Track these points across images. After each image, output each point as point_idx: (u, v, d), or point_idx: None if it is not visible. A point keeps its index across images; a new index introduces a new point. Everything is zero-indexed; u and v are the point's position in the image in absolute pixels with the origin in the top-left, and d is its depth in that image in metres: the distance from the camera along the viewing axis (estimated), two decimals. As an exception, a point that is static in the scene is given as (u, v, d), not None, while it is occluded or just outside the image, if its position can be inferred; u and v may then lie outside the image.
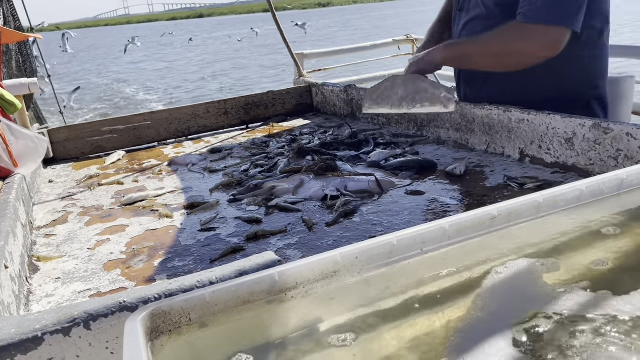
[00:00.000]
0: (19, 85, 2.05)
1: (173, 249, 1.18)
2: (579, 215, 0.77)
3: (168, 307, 0.56)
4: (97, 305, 0.68)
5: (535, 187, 1.30)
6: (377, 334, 0.59)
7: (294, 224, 1.25)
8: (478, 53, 1.59)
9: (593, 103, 1.62)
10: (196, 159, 1.93)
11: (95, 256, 1.18)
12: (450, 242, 0.69)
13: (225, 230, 1.26)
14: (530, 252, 0.71)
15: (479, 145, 1.68)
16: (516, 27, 1.48)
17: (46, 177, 1.90)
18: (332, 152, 1.80)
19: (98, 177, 1.84)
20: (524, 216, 0.73)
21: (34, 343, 0.64)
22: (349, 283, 0.63)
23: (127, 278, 1.07)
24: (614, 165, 1.28)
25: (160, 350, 0.55)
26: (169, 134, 2.32)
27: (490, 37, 1.55)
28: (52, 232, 1.36)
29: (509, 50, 1.52)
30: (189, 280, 0.72)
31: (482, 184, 1.38)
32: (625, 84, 1.86)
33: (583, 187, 0.76)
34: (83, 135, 2.17)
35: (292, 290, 0.61)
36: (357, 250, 0.64)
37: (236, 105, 2.45)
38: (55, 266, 1.16)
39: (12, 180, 1.46)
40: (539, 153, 1.47)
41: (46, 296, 1.03)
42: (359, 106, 2.32)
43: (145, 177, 1.78)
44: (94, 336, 0.67)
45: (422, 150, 1.74)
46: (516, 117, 1.53)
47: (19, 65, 2.84)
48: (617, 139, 1.26)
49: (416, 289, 0.66)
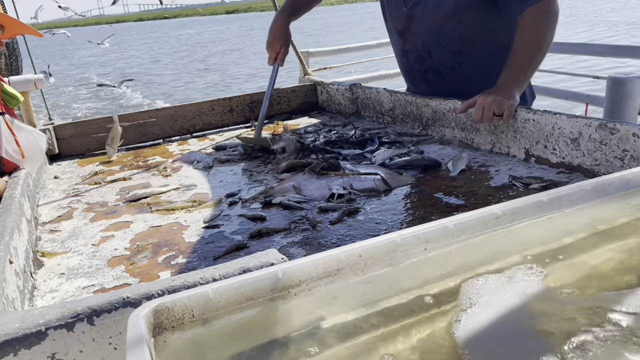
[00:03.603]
0: (25, 82, 2.06)
1: (177, 245, 1.18)
2: (584, 216, 0.76)
3: (171, 304, 0.56)
4: (100, 300, 0.68)
5: (540, 187, 1.29)
6: (380, 334, 0.59)
7: (298, 222, 1.25)
8: (539, 55, 1.59)
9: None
10: (200, 156, 1.93)
11: (100, 252, 1.19)
12: (454, 241, 0.68)
13: (229, 228, 1.26)
14: (535, 252, 0.71)
15: (484, 144, 1.68)
16: (535, 12, 1.55)
17: (51, 173, 1.91)
18: (337, 150, 1.80)
19: (103, 173, 1.85)
20: (528, 216, 0.72)
21: (37, 338, 0.65)
22: (352, 282, 0.63)
23: (131, 274, 1.07)
24: (620, 165, 1.27)
25: (163, 347, 0.55)
26: (173, 131, 2.32)
27: (532, 36, 1.57)
28: (56, 228, 1.36)
29: (550, 34, 1.57)
30: (192, 277, 0.72)
31: (486, 184, 1.38)
32: (632, 84, 1.85)
33: (588, 187, 0.76)
34: (88, 131, 2.17)
35: (295, 288, 0.61)
36: (361, 248, 0.63)
37: (241, 102, 2.45)
38: (59, 262, 1.16)
39: (18, 175, 1.47)
40: (545, 153, 1.47)
41: (50, 291, 1.03)
42: (363, 105, 2.31)
43: (149, 174, 1.79)
44: (97, 331, 0.67)
45: (427, 150, 1.73)
46: (522, 116, 1.52)
47: (6, 62, 2.83)
48: (623, 139, 1.25)
49: (420, 288, 0.66)
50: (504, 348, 0.56)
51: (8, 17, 1.54)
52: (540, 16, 1.55)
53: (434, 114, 1.88)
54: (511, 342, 0.56)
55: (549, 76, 4.72)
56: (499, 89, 1.55)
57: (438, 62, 1.85)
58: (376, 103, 2.22)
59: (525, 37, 1.57)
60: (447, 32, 1.77)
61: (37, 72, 2.78)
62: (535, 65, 1.59)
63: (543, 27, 1.56)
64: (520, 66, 1.58)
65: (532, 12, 1.55)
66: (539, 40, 1.56)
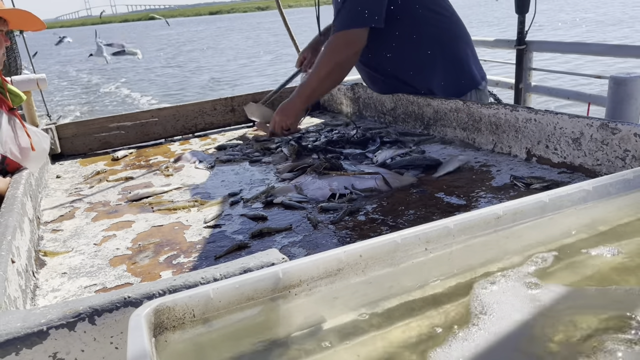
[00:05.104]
0: (28, 81, 2.07)
1: (178, 245, 1.19)
2: (586, 216, 0.76)
3: (172, 303, 0.56)
4: (102, 300, 0.68)
5: (541, 187, 1.29)
6: (381, 334, 0.59)
7: (299, 222, 1.26)
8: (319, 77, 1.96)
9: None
10: (202, 156, 1.94)
11: (101, 252, 1.19)
12: (455, 242, 0.68)
13: (230, 227, 1.26)
14: (536, 252, 0.71)
15: (486, 144, 1.67)
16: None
17: (54, 172, 1.91)
18: (338, 149, 1.80)
19: (105, 173, 1.85)
20: (529, 216, 0.72)
21: (39, 337, 0.65)
22: (352, 282, 0.63)
23: (132, 274, 1.07)
24: (622, 165, 1.27)
25: (164, 346, 0.55)
26: (175, 131, 2.33)
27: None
28: (59, 227, 1.37)
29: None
30: (193, 277, 0.72)
31: (488, 184, 1.38)
32: (634, 84, 1.85)
33: (590, 188, 0.76)
34: (91, 131, 2.18)
35: (295, 288, 0.61)
36: (361, 248, 0.63)
37: (243, 102, 2.45)
38: (61, 261, 1.16)
39: (20, 175, 1.47)
40: (546, 153, 1.47)
41: (52, 291, 1.03)
42: (365, 104, 2.31)
43: (151, 174, 1.79)
44: (99, 331, 0.68)
45: (429, 149, 1.73)
46: (523, 116, 1.52)
47: (6, 62, 2.84)
48: (624, 139, 1.25)
49: (420, 289, 0.66)
50: (505, 348, 0.56)
51: (9, 10, 1.53)
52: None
53: (435, 113, 1.88)
54: (511, 342, 0.56)
55: (551, 75, 4.71)
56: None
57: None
58: (378, 103, 2.22)
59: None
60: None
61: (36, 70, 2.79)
62: (314, 91, 1.98)
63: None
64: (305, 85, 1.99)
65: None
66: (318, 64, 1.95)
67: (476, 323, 0.59)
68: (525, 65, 3.49)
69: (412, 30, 1.95)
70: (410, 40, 1.96)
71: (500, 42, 3.74)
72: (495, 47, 3.81)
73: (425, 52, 1.97)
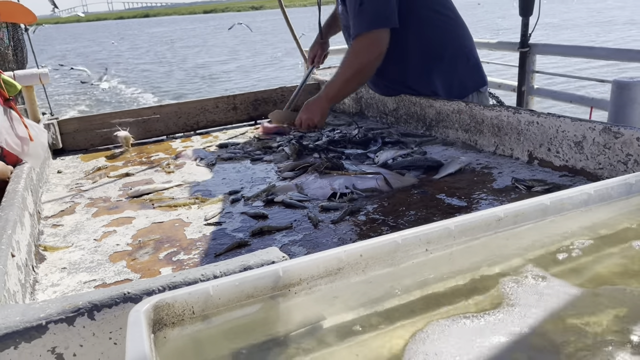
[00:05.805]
0: (30, 76, 2.07)
1: (178, 242, 1.19)
2: (587, 219, 0.76)
3: (172, 300, 0.56)
4: (101, 295, 0.68)
5: (543, 190, 1.29)
6: (380, 334, 0.59)
7: (300, 221, 1.25)
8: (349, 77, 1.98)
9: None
10: (204, 153, 1.94)
11: (102, 247, 1.19)
12: (456, 243, 0.68)
13: (230, 225, 1.26)
14: (536, 255, 0.71)
15: (488, 146, 1.67)
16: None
17: (55, 167, 1.91)
18: (340, 149, 1.80)
19: (106, 169, 1.85)
20: (530, 219, 0.72)
21: (38, 331, 0.65)
22: (352, 281, 0.63)
23: (132, 270, 1.07)
24: (624, 169, 1.27)
25: (163, 342, 0.55)
26: (177, 128, 2.33)
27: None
28: (59, 222, 1.37)
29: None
30: (193, 274, 0.72)
31: (489, 185, 1.38)
32: (637, 88, 1.85)
33: (591, 191, 0.76)
34: (92, 126, 2.18)
35: (295, 287, 0.61)
36: (362, 248, 0.63)
37: (245, 100, 2.45)
38: (61, 256, 1.16)
39: (21, 169, 1.47)
40: (548, 156, 1.46)
41: (52, 285, 1.03)
42: (367, 104, 2.31)
43: (152, 170, 1.79)
44: (98, 326, 0.68)
45: (430, 151, 1.73)
46: (525, 119, 1.52)
47: (13, 54, 2.84)
48: (627, 143, 1.25)
49: (420, 289, 0.66)
50: (505, 349, 0.56)
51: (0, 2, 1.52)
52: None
53: (437, 115, 1.88)
54: (511, 343, 0.56)
55: (553, 78, 4.71)
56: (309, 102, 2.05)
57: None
58: (380, 103, 2.21)
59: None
60: None
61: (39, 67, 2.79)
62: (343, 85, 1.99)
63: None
64: (333, 83, 2.02)
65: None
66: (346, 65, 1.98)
67: (476, 323, 0.59)
68: (528, 68, 3.48)
69: (418, 32, 1.95)
70: (415, 42, 1.96)
71: (503, 44, 3.74)
72: (499, 49, 3.81)
73: (430, 55, 1.96)
